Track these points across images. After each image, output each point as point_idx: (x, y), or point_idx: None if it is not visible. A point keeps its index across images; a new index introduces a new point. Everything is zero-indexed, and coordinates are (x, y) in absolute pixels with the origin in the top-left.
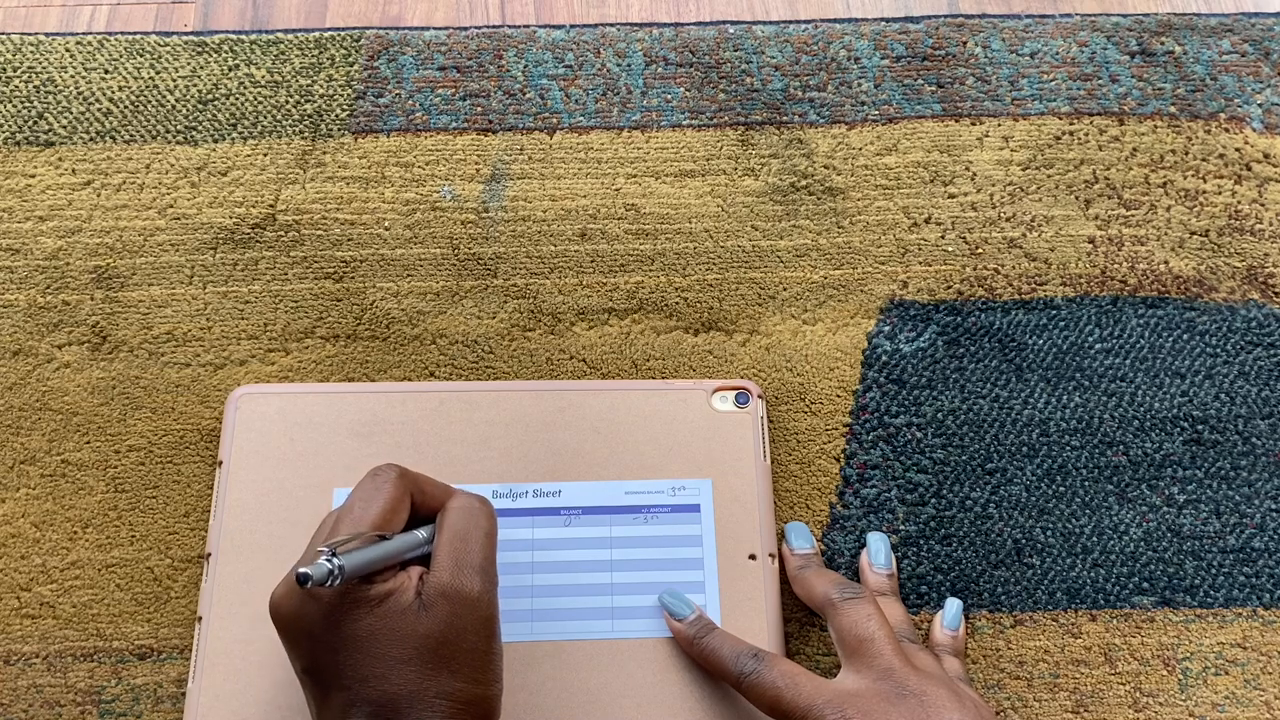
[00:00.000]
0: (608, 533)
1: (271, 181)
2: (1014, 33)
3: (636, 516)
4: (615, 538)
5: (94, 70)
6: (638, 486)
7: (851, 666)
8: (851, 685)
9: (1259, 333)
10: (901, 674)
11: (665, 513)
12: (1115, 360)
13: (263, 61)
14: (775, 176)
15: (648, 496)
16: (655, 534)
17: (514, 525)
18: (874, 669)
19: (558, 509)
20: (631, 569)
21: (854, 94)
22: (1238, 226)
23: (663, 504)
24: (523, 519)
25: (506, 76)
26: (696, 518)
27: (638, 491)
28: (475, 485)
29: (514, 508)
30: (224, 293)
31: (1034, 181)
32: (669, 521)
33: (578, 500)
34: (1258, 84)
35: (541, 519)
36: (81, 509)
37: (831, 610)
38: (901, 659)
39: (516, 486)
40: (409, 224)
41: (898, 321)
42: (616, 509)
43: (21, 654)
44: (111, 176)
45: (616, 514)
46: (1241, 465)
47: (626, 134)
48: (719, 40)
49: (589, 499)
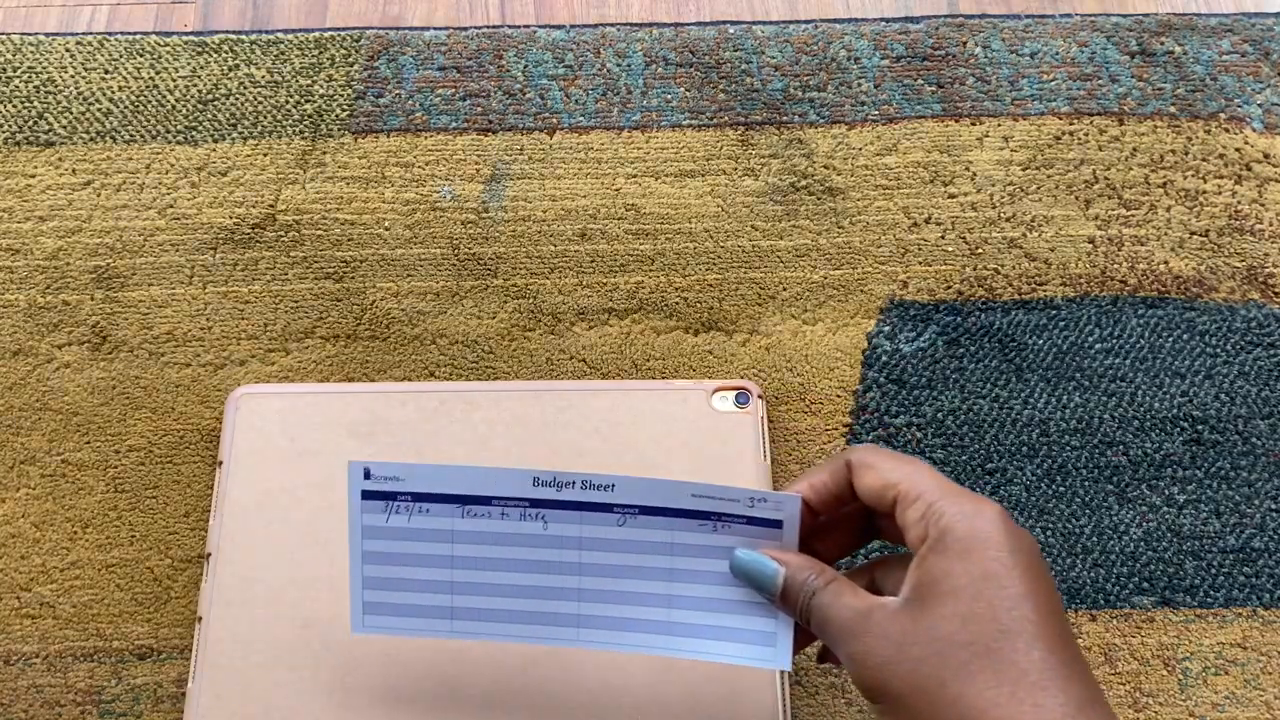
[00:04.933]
0: (668, 538)
1: (271, 181)
2: (1014, 33)
3: (705, 525)
4: (676, 544)
5: (94, 70)
6: (706, 490)
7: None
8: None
9: (1259, 333)
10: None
11: (740, 524)
12: (1115, 360)
13: (263, 61)
14: (775, 176)
15: (719, 504)
16: (725, 546)
17: (560, 520)
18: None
19: (610, 505)
20: (695, 581)
21: (854, 94)
22: (1238, 226)
23: (735, 514)
24: (570, 514)
25: (506, 76)
26: (777, 536)
27: (707, 496)
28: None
29: (559, 499)
30: (224, 293)
31: (1034, 181)
32: (744, 536)
33: (633, 497)
34: (1258, 84)
35: (591, 516)
36: (81, 509)
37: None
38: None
39: (562, 475)
40: (409, 224)
41: (898, 321)
42: (680, 513)
43: (21, 654)
44: (111, 176)
45: (679, 518)
46: (1241, 465)
47: (626, 134)
48: (719, 40)
49: (647, 497)
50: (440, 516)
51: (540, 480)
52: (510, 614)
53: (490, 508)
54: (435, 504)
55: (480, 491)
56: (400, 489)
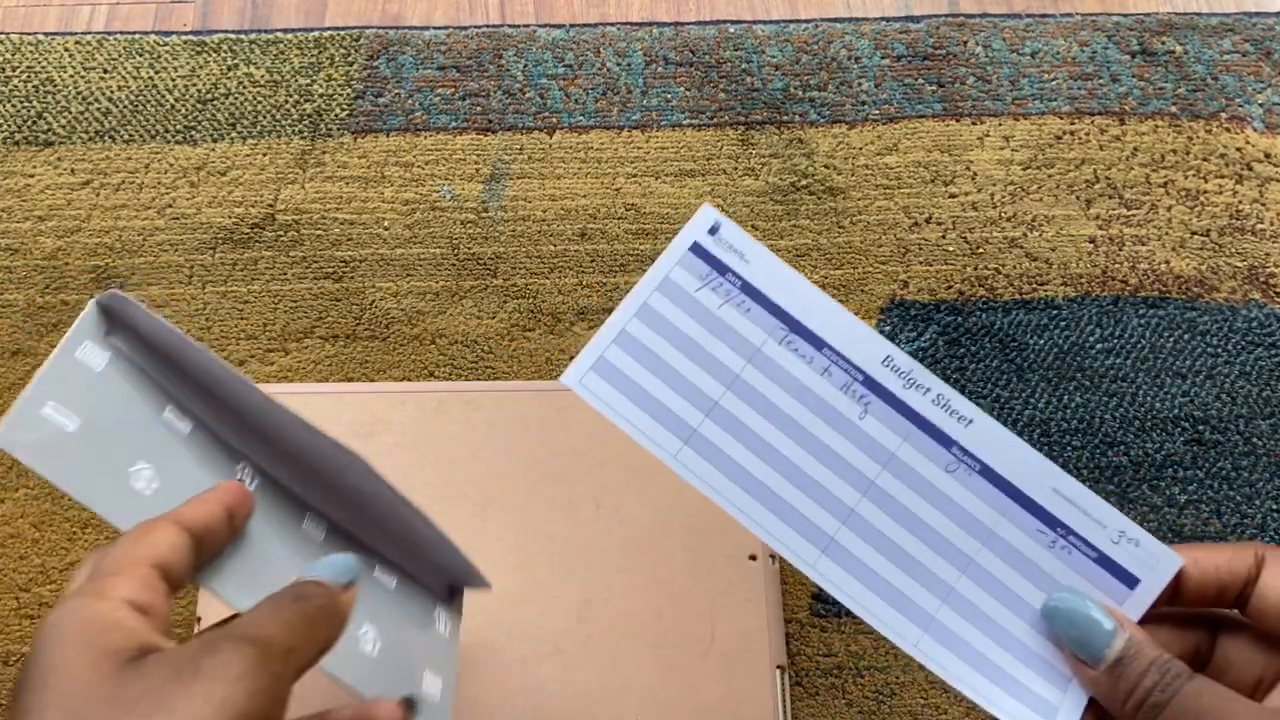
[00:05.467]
0: (992, 523)
1: (271, 181)
2: (1015, 32)
3: (1044, 534)
4: (996, 537)
5: (93, 70)
6: (1074, 492)
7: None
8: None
9: (1260, 332)
10: None
11: (1084, 556)
12: (1116, 360)
13: (262, 61)
14: (775, 176)
15: (1078, 519)
16: (1050, 573)
17: (884, 420)
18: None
19: (951, 440)
20: (992, 591)
21: (854, 93)
22: (1239, 226)
23: (1092, 542)
24: (899, 421)
25: (506, 76)
26: (1124, 596)
27: (1071, 500)
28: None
29: (898, 396)
30: (223, 292)
31: (1035, 181)
32: (1080, 572)
33: (985, 450)
34: (1259, 84)
35: (922, 439)
36: (80, 509)
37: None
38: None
39: (921, 373)
40: (408, 224)
41: (898, 321)
42: (1025, 501)
43: (20, 654)
44: (110, 176)
45: (1020, 507)
46: (1243, 465)
47: (626, 133)
48: (719, 40)
49: (1000, 460)
50: (757, 326)
51: (893, 363)
52: (752, 483)
53: (818, 354)
54: (762, 309)
55: (819, 329)
56: (737, 268)
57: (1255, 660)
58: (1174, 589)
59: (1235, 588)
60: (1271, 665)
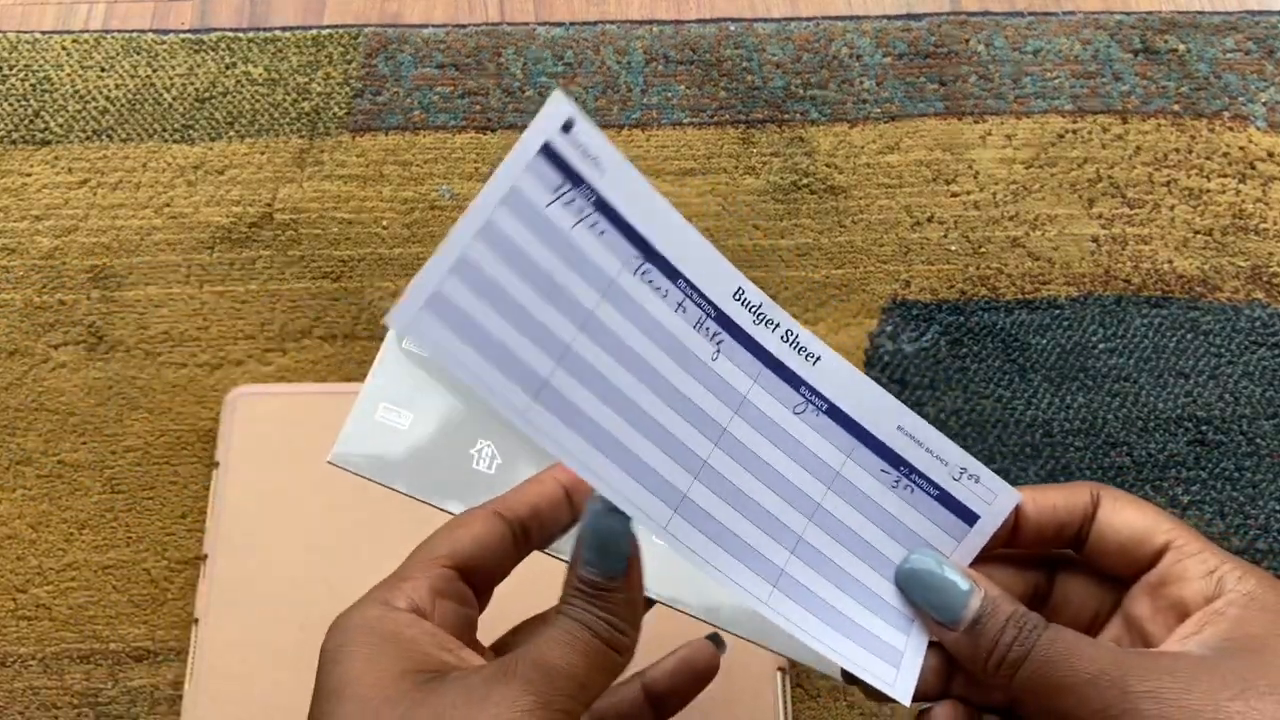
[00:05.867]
0: (838, 464)
1: (269, 180)
2: (1017, 30)
3: (887, 474)
4: (842, 478)
5: (90, 68)
6: (917, 428)
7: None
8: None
9: (1263, 332)
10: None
11: (927, 495)
12: (1119, 360)
13: (260, 59)
14: (776, 175)
15: (921, 456)
16: (892, 513)
17: (736, 360)
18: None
19: (799, 380)
20: (838, 538)
21: (856, 92)
22: (1242, 226)
23: (934, 479)
24: (750, 361)
25: (506, 74)
26: (962, 532)
27: (914, 438)
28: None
29: (748, 333)
30: (221, 292)
31: (1037, 180)
32: (922, 511)
33: (832, 388)
34: (1262, 82)
35: (771, 380)
36: (78, 510)
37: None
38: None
39: (771, 307)
40: (407, 223)
41: (900, 321)
42: (870, 440)
43: (17, 656)
44: (108, 175)
45: (865, 448)
46: (1246, 466)
47: (627, 132)
48: (720, 38)
49: (846, 397)
50: (611, 253)
51: (744, 296)
52: (605, 439)
53: (673, 287)
54: (616, 232)
55: (675, 258)
56: (592, 179)
57: (1091, 596)
58: (1013, 529)
59: (1072, 526)
60: (1106, 600)
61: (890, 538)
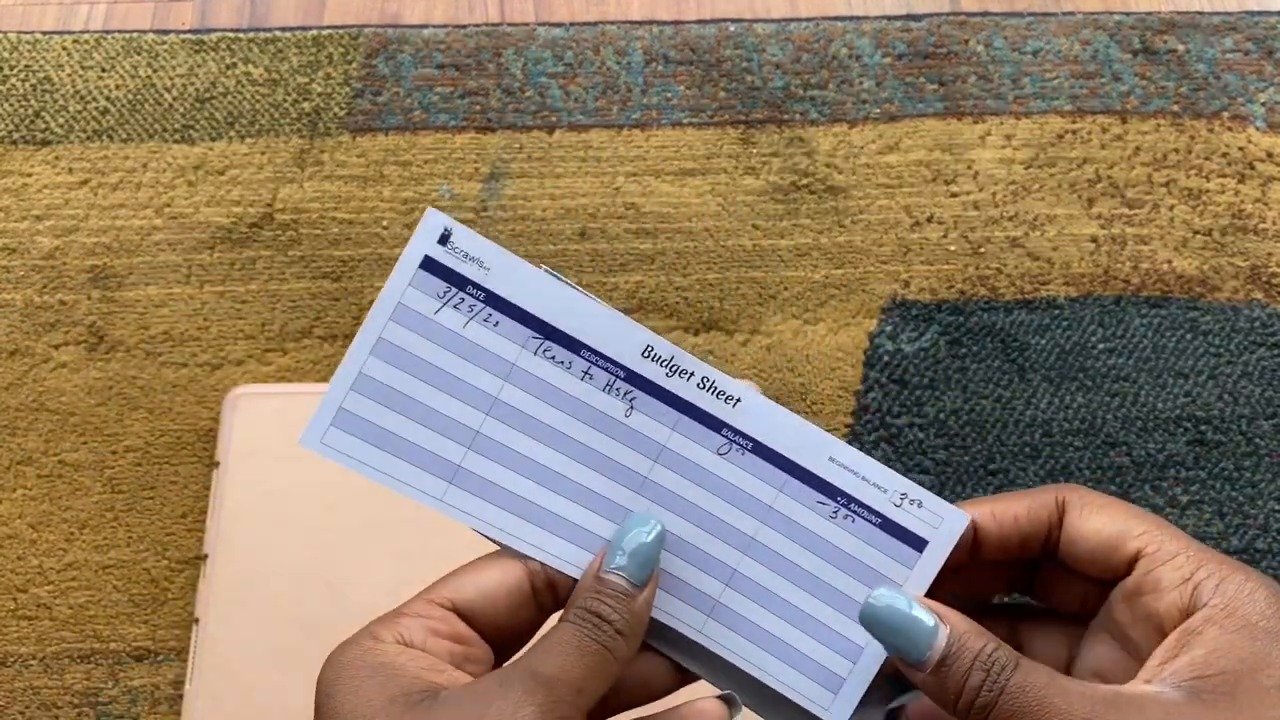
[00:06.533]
0: (770, 499)
1: (269, 180)
2: (1016, 31)
3: (825, 504)
4: (775, 512)
5: (91, 69)
6: (851, 459)
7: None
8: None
9: (1263, 333)
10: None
11: (869, 524)
12: (1118, 360)
13: (260, 60)
14: (776, 175)
15: (857, 485)
16: (834, 544)
17: (650, 413)
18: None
19: (721, 424)
20: (775, 568)
21: (855, 92)
22: (1241, 226)
23: (874, 508)
24: (665, 411)
25: (505, 74)
26: (913, 559)
27: (847, 468)
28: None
29: (661, 386)
30: (221, 292)
31: (1036, 180)
32: (866, 540)
33: (755, 427)
34: (1261, 83)
35: (690, 426)
36: (78, 510)
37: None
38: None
39: (683, 358)
40: (407, 223)
41: (899, 321)
42: (802, 474)
43: (18, 655)
44: (108, 175)
45: (798, 481)
46: (1245, 466)
47: (626, 132)
48: (719, 38)
49: (772, 435)
50: (508, 340)
51: (653, 352)
52: (528, 507)
53: (576, 357)
54: (510, 320)
55: (574, 330)
56: (478, 279)
57: (1075, 591)
58: (975, 546)
59: (1038, 537)
60: (1091, 593)
61: (834, 567)
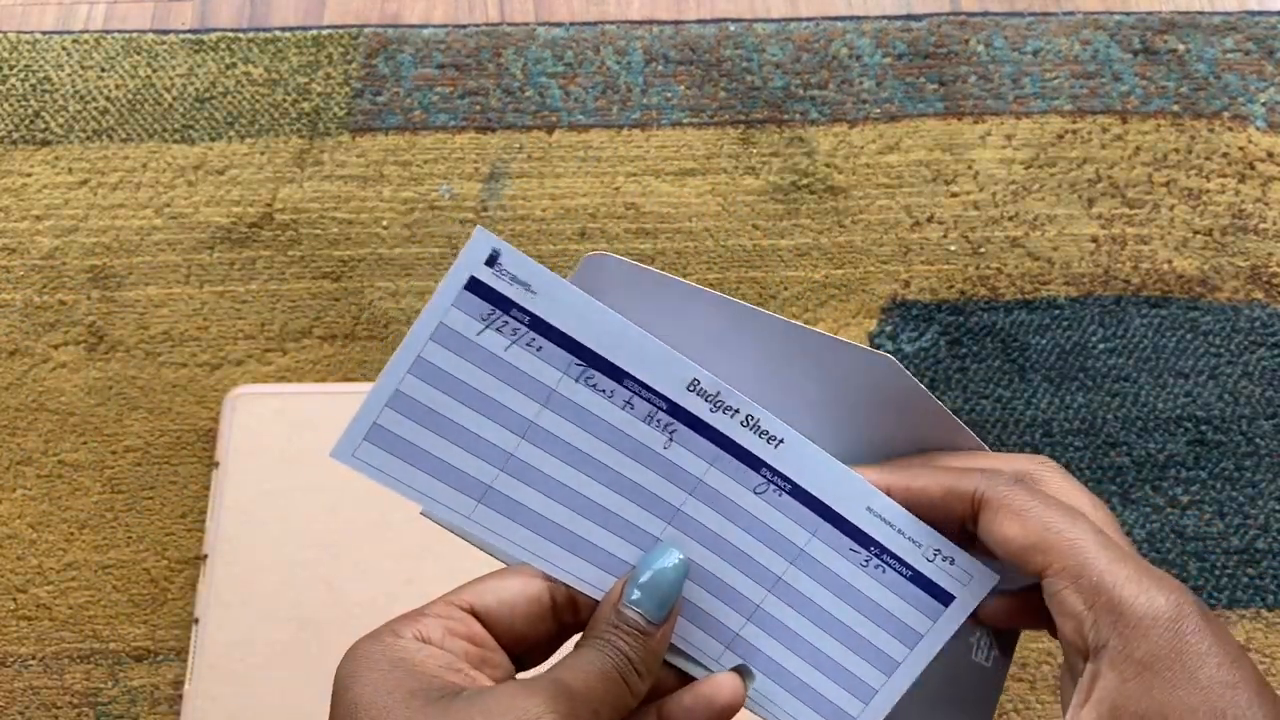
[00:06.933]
0: (803, 543)
1: (269, 180)
2: (1016, 31)
3: (857, 553)
4: (806, 556)
5: (91, 69)
6: (890, 512)
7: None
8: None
9: (1263, 333)
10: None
11: (900, 575)
12: (1118, 360)
13: (260, 60)
14: (776, 175)
15: (892, 537)
16: (862, 591)
17: (689, 447)
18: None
19: (760, 462)
20: (801, 610)
21: (855, 92)
22: (1241, 226)
23: (906, 560)
24: (705, 446)
25: (505, 74)
26: (938, 612)
27: (884, 520)
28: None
29: (703, 420)
30: (221, 292)
31: (1037, 180)
32: (894, 590)
33: (795, 470)
34: (1261, 83)
35: (729, 463)
36: (78, 510)
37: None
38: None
39: (729, 394)
40: (407, 223)
41: (900, 321)
42: (838, 520)
43: (18, 656)
44: (108, 175)
45: (832, 527)
46: (1245, 466)
47: (626, 132)
48: (720, 38)
49: (812, 479)
50: (550, 366)
51: (699, 386)
52: (556, 529)
53: (619, 386)
54: (554, 345)
55: (619, 360)
56: (523, 302)
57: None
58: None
59: (952, 524)
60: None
61: (858, 612)
